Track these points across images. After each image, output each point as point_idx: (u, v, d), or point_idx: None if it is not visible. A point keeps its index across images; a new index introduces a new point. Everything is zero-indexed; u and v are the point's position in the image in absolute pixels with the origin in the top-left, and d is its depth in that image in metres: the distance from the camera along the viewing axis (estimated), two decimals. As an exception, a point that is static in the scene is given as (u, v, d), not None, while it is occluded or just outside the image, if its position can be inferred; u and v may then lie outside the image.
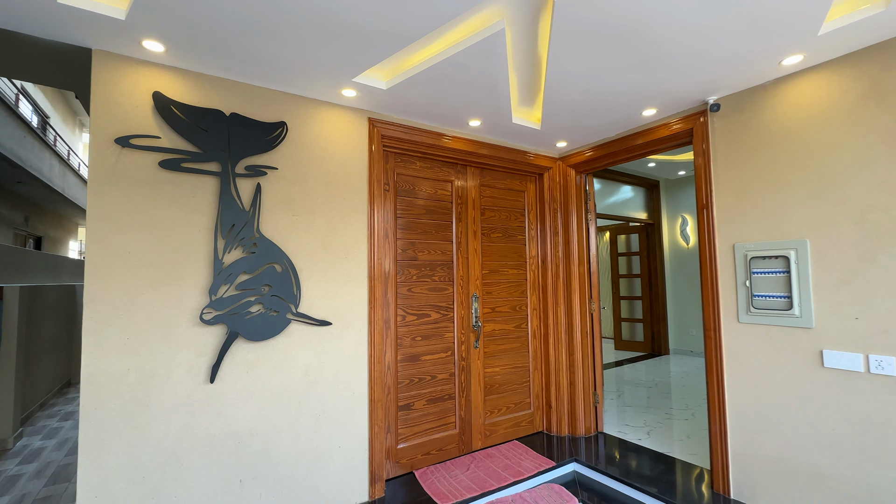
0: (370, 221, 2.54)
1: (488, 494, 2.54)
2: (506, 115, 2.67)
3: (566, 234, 3.47)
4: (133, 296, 1.87)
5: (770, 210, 2.25)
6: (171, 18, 1.65)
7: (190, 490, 1.94)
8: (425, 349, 2.90)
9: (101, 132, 1.83)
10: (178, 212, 1.98)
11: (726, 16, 1.68)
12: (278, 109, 2.26)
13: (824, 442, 2.03)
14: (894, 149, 1.85)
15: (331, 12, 1.64)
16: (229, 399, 2.05)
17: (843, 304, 1.99)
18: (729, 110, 2.42)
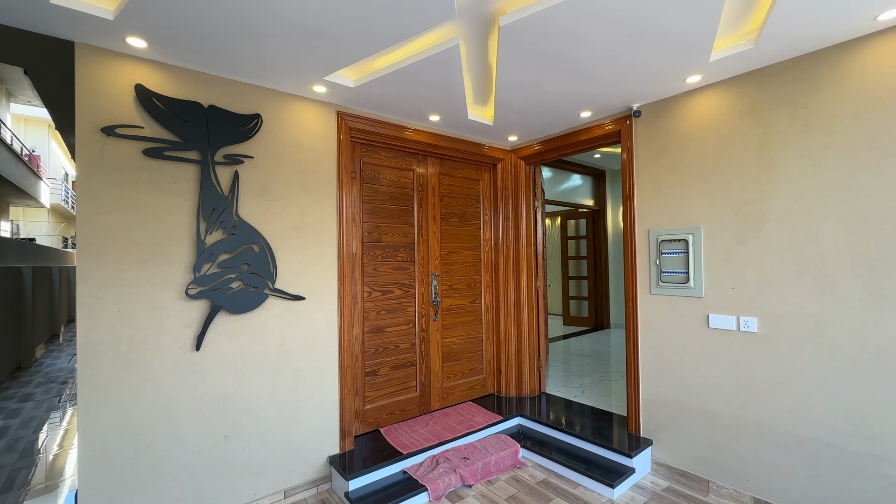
0: (339, 206, 2.81)
1: (444, 444, 2.95)
2: (462, 112, 2.98)
3: (516, 219, 3.87)
4: (122, 272, 2.05)
5: (676, 201, 2.73)
6: (157, 20, 1.82)
7: (180, 444, 2.19)
8: (389, 322, 3.23)
9: (87, 122, 1.98)
10: (163, 196, 2.16)
11: (638, 43, 2.08)
12: (253, 102, 2.46)
13: (708, 386, 2.58)
14: (763, 156, 2.35)
15: (305, 24, 1.87)
16: (214, 365, 2.29)
17: (723, 279, 2.52)
18: (648, 116, 2.87)
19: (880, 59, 1.98)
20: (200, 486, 2.24)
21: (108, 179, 2.02)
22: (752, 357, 2.40)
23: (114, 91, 2.05)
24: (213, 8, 1.74)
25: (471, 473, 2.71)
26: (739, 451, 2.45)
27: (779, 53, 2.19)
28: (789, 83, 2.25)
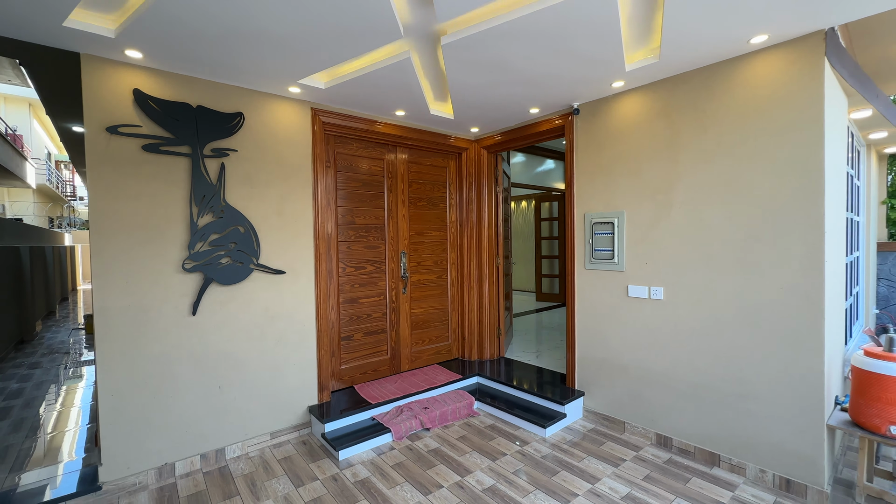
0: (314, 192, 3.20)
1: (409, 396, 3.45)
2: (424, 108, 3.36)
3: (479, 202, 4.30)
4: (128, 250, 2.45)
5: (606, 188, 3.18)
6: (152, 36, 2.16)
7: (181, 392, 2.64)
8: (362, 294, 3.67)
9: (94, 122, 2.34)
10: (160, 185, 2.54)
11: (563, 58, 2.46)
12: (236, 102, 2.81)
13: (626, 345, 3.09)
14: (672, 152, 2.79)
15: (279, 41, 2.22)
16: (208, 328, 2.73)
17: (639, 255, 2.99)
18: (586, 114, 3.28)
19: (755, 74, 2.41)
20: (201, 426, 2.71)
21: (114, 171, 2.40)
22: (658, 320, 2.90)
23: (115, 95, 2.40)
24: (199, 26, 2.09)
25: (429, 419, 3.22)
26: (648, 397, 2.98)
27: (681, 65, 2.60)
28: (691, 91, 2.68)
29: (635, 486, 2.46)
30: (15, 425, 3.31)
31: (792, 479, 2.35)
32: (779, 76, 2.33)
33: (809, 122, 2.24)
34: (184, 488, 2.48)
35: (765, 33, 2.22)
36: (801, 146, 2.27)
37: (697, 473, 2.57)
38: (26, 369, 4.72)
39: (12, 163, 10.49)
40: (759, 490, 2.39)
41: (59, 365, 4.92)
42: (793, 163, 2.30)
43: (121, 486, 2.44)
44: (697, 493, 2.37)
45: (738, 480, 2.48)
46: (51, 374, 4.56)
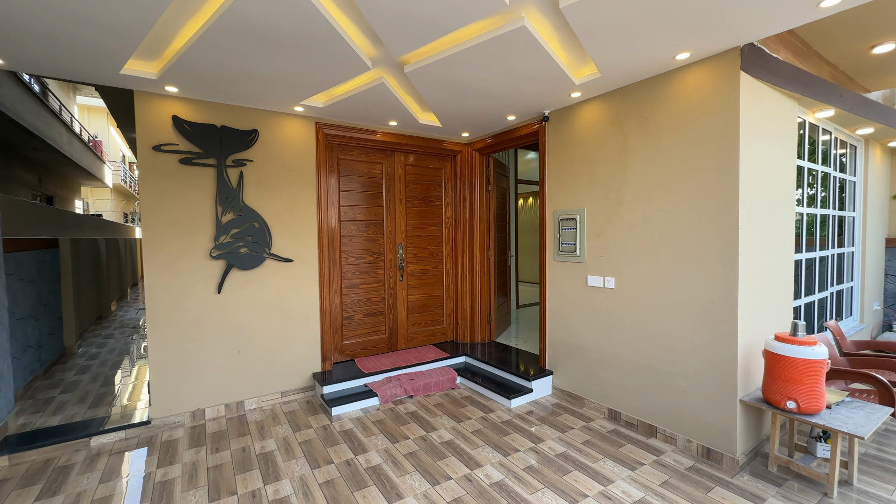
0: (318, 193, 3.79)
1: (399, 369, 3.99)
2: (413, 119, 3.84)
3: (471, 200, 4.74)
4: (169, 240, 3.15)
5: (570, 188, 3.52)
6: (184, 77, 2.81)
7: (209, 354, 3.33)
8: (362, 281, 4.25)
9: (144, 143, 3.04)
10: (192, 190, 3.22)
11: (515, 78, 2.85)
12: (252, 120, 3.45)
13: (586, 329, 3.44)
14: (622, 155, 3.10)
15: (281, 77, 2.79)
16: (230, 304, 3.40)
17: (596, 248, 3.32)
18: (554, 120, 3.63)
19: (686, 86, 2.69)
20: (224, 382, 3.40)
21: (159, 180, 3.10)
22: (611, 307, 3.23)
23: (159, 121, 3.09)
24: (217, 71, 2.70)
25: (413, 389, 3.74)
26: (602, 376, 3.32)
27: (622, 79, 2.91)
28: (637, 100, 2.97)
29: (573, 447, 2.84)
30: (93, 378, 4.21)
31: (712, 449, 2.64)
32: (703, 87, 2.60)
33: (726, 128, 2.50)
34: (210, 428, 3.18)
35: (687, 51, 2.50)
36: (719, 150, 2.54)
37: (633, 441, 2.91)
38: (103, 339, 5.77)
39: (94, 166, 12.13)
40: (682, 457, 2.70)
41: (128, 336, 5.94)
42: (714, 165, 2.57)
43: (164, 423, 3.17)
44: (625, 456, 2.72)
45: (667, 448, 2.80)
46: (121, 343, 5.56)
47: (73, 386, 4.01)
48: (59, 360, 4.81)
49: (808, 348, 2.28)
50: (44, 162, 9.66)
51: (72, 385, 4.03)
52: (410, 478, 2.51)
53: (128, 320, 7.23)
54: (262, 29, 2.20)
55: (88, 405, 3.52)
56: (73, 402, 3.58)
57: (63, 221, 5.53)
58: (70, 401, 3.63)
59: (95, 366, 4.62)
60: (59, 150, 8.81)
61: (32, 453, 2.77)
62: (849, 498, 2.26)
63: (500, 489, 2.38)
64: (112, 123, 17.39)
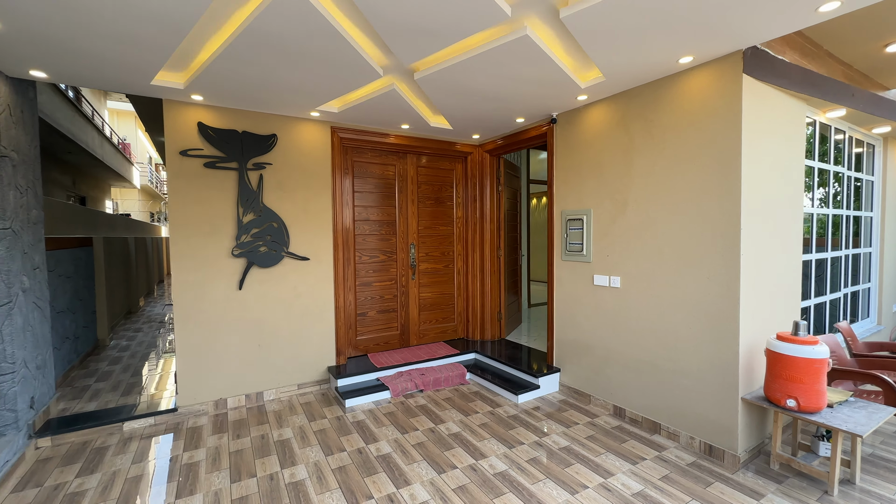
0: (334, 194, 3.95)
1: (410, 364, 4.13)
2: (424, 122, 3.96)
3: (482, 201, 4.84)
4: (195, 240, 3.36)
5: (577, 189, 3.59)
6: (209, 86, 2.99)
7: (230, 347, 3.53)
8: (375, 279, 4.40)
9: (172, 148, 3.25)
10: (215, 192, 3.42)
11: (522, 83, 2.95)
12: (271, 126, 3.62)
13: (592, 327, 3.50)
14: (627, 157, 3.15)
15: (297, 86, 2.95)
16: (250, 300, 3.59)
17: (602, 248, 3.39)
18: (562, 122, 3.70)
19: (690, 89, 2.73)
20: (245, 373, 3.59)
21: (185, 183, 3.30)
22: (616, 305, 3.29)
23: (185, 127, 3.29)
24: (239, 80, 2.87)
25: (423, 383, 3.87)
26: (607, 373, 3.38)
27: (627, 82, 2.97)
28: (642, 103, 3.03)
29: (576, 442, 2.92)
30: (124, 368, 4.48)
31: (714, 446, 2.68)
32: (706, 90, 2.65)
33: (729, 130, 2.54)
34: (231, 416, 3.37)
35: (689, 55, 2.55)
36: (721, 152, 2.58)
37: (637, 437, 2.97)
38: (132, 332, 6.09)
39: (123, 168, 12.66)
40: (684, 453, 2.75)
41: (155, 330, 6.25)
42: (716, 167, 2.61)
43: (190, 410, 3.38)
44: (627, 451, 2.79)
45: (670, 445, 2.86)
46: (149, 337, 5.86)
47: (107, 375, 4.28)
48: (93, 351, 5.11)
49: (809, 347, 2.31)
50: (77, 164, 10.16)
51: (105, 374, 4.30)
52: (418, 466, 2.63)
53: (155, 315, 7.59)
54: (280, 43, 2.35)
55: (121, 393, 3.77)
56: (106, 390, 3.84)
57: (96, 221, 5.86)
58: (104, 389, 3.88)
59: (126, 357, 4.90)
60: (92, 153, 9.26)
61: (72, 435, 3.01)
62: (850, 496, 2.29)
63: (504, 479, 2.49)
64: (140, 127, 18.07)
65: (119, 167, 12.04)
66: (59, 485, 2.47)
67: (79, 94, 10.01)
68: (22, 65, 2.58)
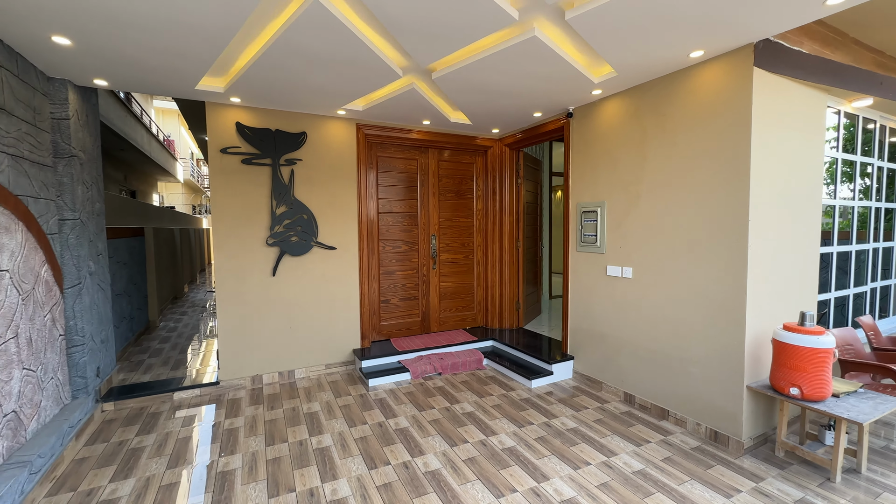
0: (358, 188, 4.20)
1: (430, 349, 4.35)
2: (444, 118, 4.13)
3: (501, 193, 4.97)
4: (233, 230, 3.68)
5: (592, 181, 3.67)
6: (246, 90, 3.28)
7: (265, 327, 3.86)
8: (398, 268, 4.63)
9: (214, 146, 3.57)
10: (251, 186, 3.73)
11: (536, 80, 3.06)
12: (301, 124, 3.89)
13: (604, 317, 3.60)
14: (641, 150, 3.21)
15: (325, 88, 3.19)
16: (283, 285, 3.90)
17: (615, 239, 3.47)
18: (578, 116, 3.77)
19: (702, 83, 2.77)
20: (278, 353, 3.92)
21: (225, 179, 3.63)
22: (627, 296, 3.38)
23: (225, 127, 3.61)
24: (271, 83, 3.14)
25: (442, 367, 4.09)
26: (619, 361, 3.48)
27: (639, 77, 3.02)
28: (655, 97, 3.08)
29: (584, 424, 3.06)
30: (172, 346, 4.95)
31: (719, 432, 2.76)
32: (717, 84, 2.68)
33: (738, 123, 2.58)
34: (266, 391, 3.70)
35: (700, 49, 2.59)
36: (732, 145, 2.62)
37: (644, 422, 3.07)
38: (178, 315, 6.64)
39: (168, 163, 13.50)
40: (690, 438, 2.84)
41: (198, 314, 6.78)
42: (726, 160, 2.65)
43: (230, 385, 3.74)
44: (633, 434, 2.91)
45: (677, 430, 2.95)
46: (193, 320, 6.37)
47: (158, 352, 4.74)
48: (146, 331, 5.64)
49: (814, 337, 2.34)
50: (128, 161, 10.94)
51: (156, 351, 4.77)
52: (433, 439, 2.85)
53: (198, 301, 8.18)
54: (309, 51, 2.58)
55: (170, 367, 4.20)
56: (158, 365, 4.28)
57: (146, 213, 6.40)
58: (156, 363, 4.33)
59: (174, 337, 5.39)
60: (141, 150, 9.96)
61: (130, 402, 3.42)
62: (853, 484, 2.33)
63: (511, 453, 2.67)
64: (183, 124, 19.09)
65: (164, 163, 12.85)
66: (123, 441, 2.85)
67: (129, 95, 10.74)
68: (87, 75, 2.93)
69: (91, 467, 2.55)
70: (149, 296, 5.86)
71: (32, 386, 2.50)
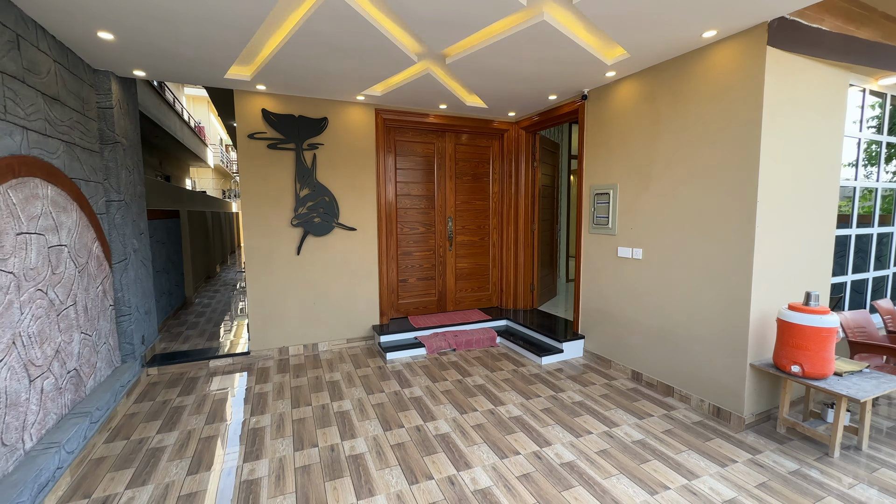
0: (378, 171, 4.36)
1: (445, 327, 4.54)
2: (460, 102, 4.21)
3: (517, 176, 5.04)
4: (260, 212, 3.93)
5: (606, 164, 3.70)
6: (270, 77, 3.46)
7: (290, 302, 4.12)
8: (415, 249, 4.81)
9: (242, 132, 3.79)
10: (276, 170, 3.94)
11: (546, 63, 3.11)
12: (323, 109, 4.07)
13: (615, 297, 3.68)
14: (653, 131, 3.23)
15: (344, 74, 3.33)
16: (306, 264, 4.14)
17: (627, 221, 3.52)
18: (593, 98, 3.79)
19: (715, 63, 2.76)
20: (302, 327, 4.19)
21: (252, 163, 3.85)
22: (638, 276, 3.44)
23: (252, 114, 3.82)
24: (294, 71, 3.30)
25: (456, 343, 4.27)
26: (628, 340, 3.57)
27: (652, 58, 3.03)
28: (669, 78, 3.08)
29: (590, 398, 3.19)
30: (207, 320, 5.33)
31: (721, 408, 2.84)
32: (729, 64, 2.67)
33: (750, 103, 2.58)
34: (292, 361, 3.99)
35: (713, 29, 2.59)
36: (742, 126, 2.62)
37: (649, 398, 3.17)
38: (212, 293, 7.07)
39: (199, 149, 14.04)
40: (693, 413, 2.93)
41: (230, 293, 7.20)
42: (736, 141, 2.66)
43: (259, 355, 4.04)
44: (637, 409, 3.02)
45: (680, 406, 3.04)
46: (225, 297, 6.78)
47: (194, 325, 5.12)
48: (183, 306, 6.06)
49: (817, 316, 2.38)
50: (163, 147, 11.47)
51: (193, 324, 5.15)
52: (444, 407, 3.05)
53: (229, 280, 8.65)
54: (329, 40, 2.72)
55: (206, 339, 4.55)
56: (195, 336, 4.64)
57: (181, 196, 6.79)
58: (193, 335, 4.69)
59: (208, 312, 5.78)
60: (174, 137, 10.43)
61: (172, 367, 3.76)
62: (852, 460, 2.38)
63: (517, 422, 2.84)
64: (212, 111, 19.68)
65: (196, 148, 13.38)
66: (167, 400, 3.18)
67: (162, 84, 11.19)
68: (128, 67, 3.17)
69: (140, 421, 2.87)
70: (185, 274, 6.27)
71: (89, 348, 2.82)
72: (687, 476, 2.25)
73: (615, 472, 2.28)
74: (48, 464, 2.05)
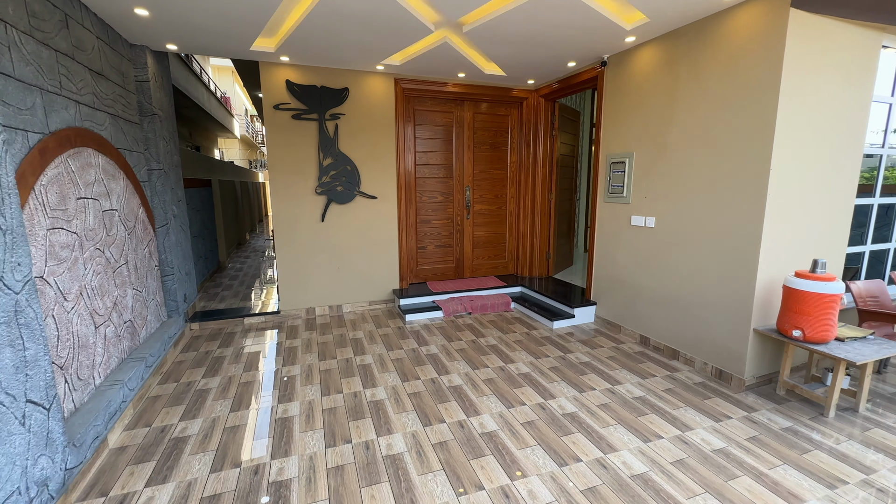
0: (397, 140, 4.48)
1: (462, 292, 4.74)
2: (478, 70, 4.23)
3: (535, 145, 5.05)
4: (286, 180, 4.14)
5: (623, 131, 3.70)
6: (294, 48, 3.57)
7: (316, 266, 4.39)
8: (434, 217, 4.96)
9: (268, 103, 3.96)
10: (301, 140, 4.12)
11: (564, 28, 3.10)
12: (344, 80, 4.17)
13: (627, 265, 3.76)
14: (671, 98, 3.21)
15: (363, 44, 3.41)
16: (331, 230, 4.37)
17: (641, 190, 3.55)
18: (612, 65, 3.74)
19: (735, 27, 2.71)
20: (327, 290, 4.47)
21: (278, 133, 4.04)
22: (649, 245, 3.51)
23: (277, 85, 3.96)
24: (317, 41, 3.41)
25: (472, 307, 4.48)
26: (637, 307, 3.68)
27: (671, 22, 2.97)
28: (688, 43, 3.02)
29: (597, 360, 3.35)
30: (240, 283, 5.71)
31: (723, 370, 2.96)
32: (750, 27, 2.62)
33: (769, 68, 2.54)
34: (318, 320, 4.30)
35: (735, -9, 2.53)
36: (761, 91, 2.60)
37: (655, 361, 3.31)
38: (243, 259, 7.50)
39: (226, 120, 14.35)
40: (696, 375, 3.06)
41: (260, 258, 7.60)
42: (753, 107, 2.64)
43: (288, 314, 4.36)
44: (641, 370, 3.17)
45: (684, 368, 3.17)
46: (255, 262, 7.19)
47: (229, 287, 5.51)
48: (217, 270, 6.48)
49: (821, 283, 2.43)
50: (191, 118, 11.80)
51: (227, 286, 5.55)
52: (458, 363, 3.28)
53: (258, 247, 9.08)
54: (349, 11, 2.80)
55: (240, 299, 4.92)
56: (230, 296, 5.02)
57: (212, 166, 7.10)
58: (228, 295, 5.07)
59: (241, 275, 6.18)
60: (202, 107, 10.71)
61: (211, 323, 4.13)
62: (847, 420, 2.48)
63: (525, 378, 3.04)
64: (237, 81, 19.88)
65: (223, 119, 13.69)
66: (208, 351, 3.53)
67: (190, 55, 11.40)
68: (161, 41, 3.35)
69: (187, 367, 3.23)
70: (218, 239, 6.66)
71: (140, 303, 3.16)
72: (681, 428, 2.41)
73: (613, 423, 2.47)
74: (115, 397, 2.40)
